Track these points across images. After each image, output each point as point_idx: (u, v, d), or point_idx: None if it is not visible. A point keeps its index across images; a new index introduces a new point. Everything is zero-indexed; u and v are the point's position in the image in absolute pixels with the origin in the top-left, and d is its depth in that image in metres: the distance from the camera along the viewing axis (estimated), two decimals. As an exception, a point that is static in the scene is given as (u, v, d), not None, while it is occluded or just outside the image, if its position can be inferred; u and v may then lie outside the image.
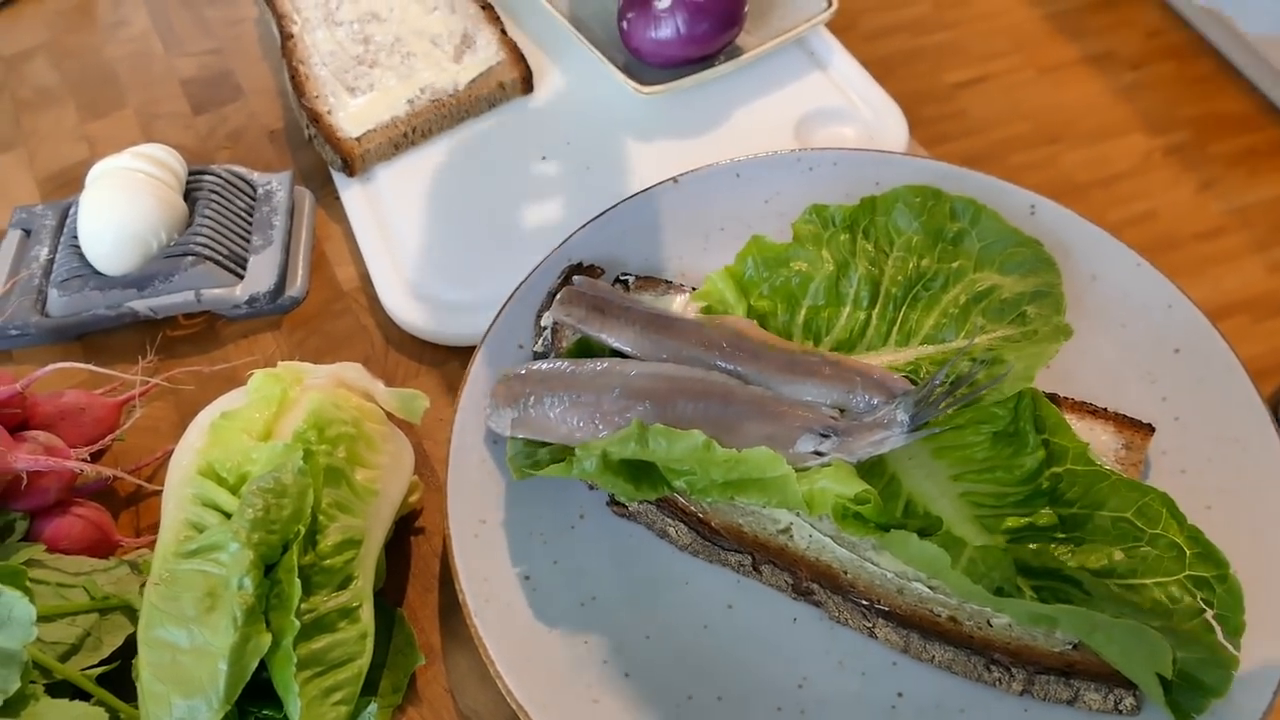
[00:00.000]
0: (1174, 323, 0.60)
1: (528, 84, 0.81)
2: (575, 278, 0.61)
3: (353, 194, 0.76)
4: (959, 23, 2.14)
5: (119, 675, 0.51)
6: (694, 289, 0.62)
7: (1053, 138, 1.93)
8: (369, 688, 0.52)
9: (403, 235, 0.73)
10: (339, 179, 0.77)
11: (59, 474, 0.56)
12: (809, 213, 0.62)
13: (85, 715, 0.48)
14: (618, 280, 0.63)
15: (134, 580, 0.55)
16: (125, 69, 0.89)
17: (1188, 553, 0.48)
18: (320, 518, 0.50)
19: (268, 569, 0.48)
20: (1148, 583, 0.48)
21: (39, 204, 0.77)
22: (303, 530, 0.49)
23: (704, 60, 0.78)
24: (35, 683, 0.48)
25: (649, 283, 0.63)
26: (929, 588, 0.51)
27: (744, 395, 0.53)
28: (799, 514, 0.54)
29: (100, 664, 0.51)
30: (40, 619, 0.48)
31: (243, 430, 0.52)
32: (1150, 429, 0.56)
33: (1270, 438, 0.54)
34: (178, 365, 0.68)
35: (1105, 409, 0.57)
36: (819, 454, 0.51)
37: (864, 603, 0.51)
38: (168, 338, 0.71)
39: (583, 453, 0.51)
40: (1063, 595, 0.48)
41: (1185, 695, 0.45)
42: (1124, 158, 1.90)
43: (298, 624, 0.46)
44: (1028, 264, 0.60)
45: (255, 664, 0.46)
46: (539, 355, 0.60)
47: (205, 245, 0.69)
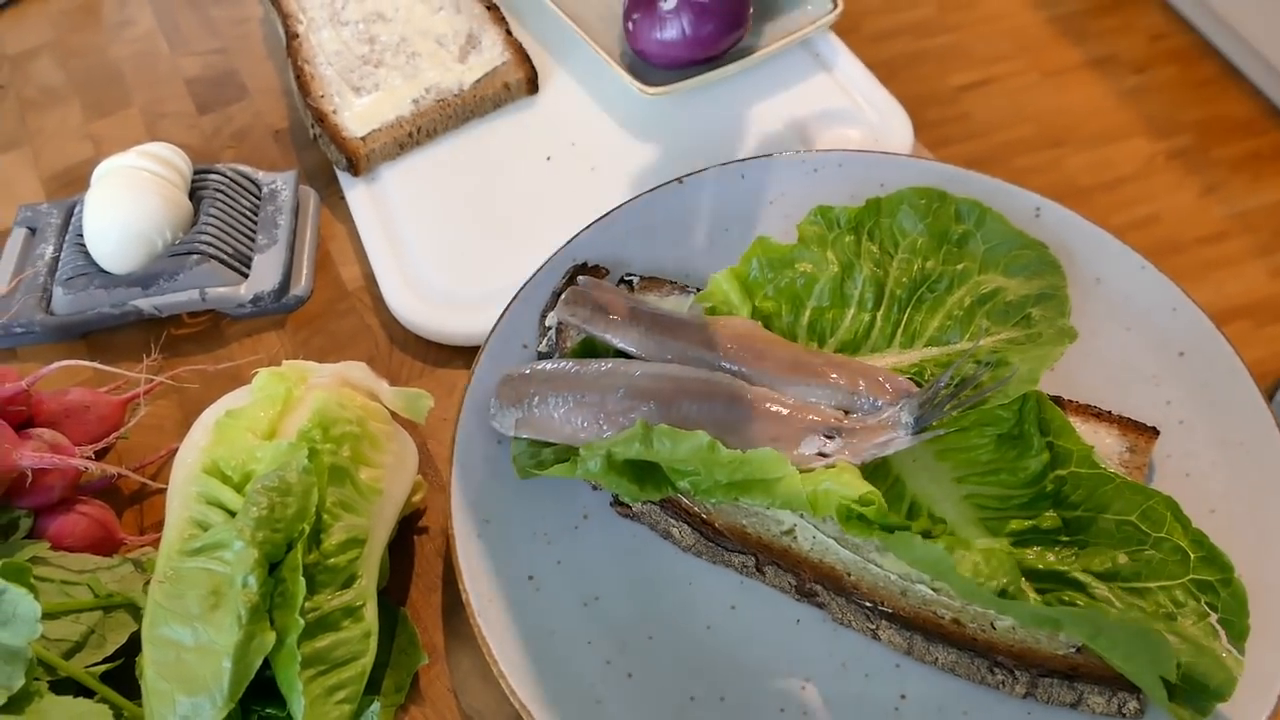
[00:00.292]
0: (1178, 326, 0.60)
1: (533, 84, 0.81)
2: (580, 278, 0.61)
3: (357, 193, 0.76)
4: (963, 26, 2.14)
5: (123, 673, 0.51)
6: (698, 290, 0.62)
7: (1056, 141, 1.93)
8: (372, 687, 0.52)
9: (407, 235, 0.73)
10: (344, 178, 0.77)
11: (63, 472, 0.56)
12: (814, 214, 0.62)
13: (89, 712, 0.48)
14: (622, 281, 0.63)
15: (138, 578, 0.55)
16: (130, 68, 0.89)
17: (1192, 556, 0.48)
18: (324, 516, 0.50)
19: (272, 567, 0.48)
20: (1152, 586, 0.48)
21: (44, 202, 0.77)
22: (307, 529, 0.49)
23: (709, 61, 0.78)
24: (39, 680, 0.48)
25: (653, 283, 0.63)
26: (933, 590, 0.51)
27: (748, 396, 0.53)
28: (803, 515, 0.54)
29: (104, 661, 0.51)
30: (44, 616, 0.48)
31: (247, 429, 0.52)
32: (1155, 432, 0.56)
33: (1275, 441, 0.54)
34: (182, 364, 0.68)
35: (1110, 412, 0.57)
36: (823, 455, 0.51)
37: (867, 604, 0.51)
38: (172, 336, 0.71)
39: (587, 453, 0.51)
40: (1066, 598, 0.48)
41: (1189, 699, 0.45)
42: (1127, 161, 1.90)
43: (302, 622, 0.46)
44: (1033, 266, 0.60)
45: (259, 662, 0.46)
46: (543, 355, 0.60)
47: (210, 244, 0.70)
